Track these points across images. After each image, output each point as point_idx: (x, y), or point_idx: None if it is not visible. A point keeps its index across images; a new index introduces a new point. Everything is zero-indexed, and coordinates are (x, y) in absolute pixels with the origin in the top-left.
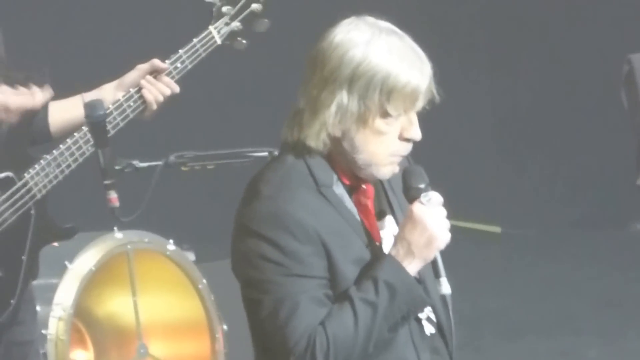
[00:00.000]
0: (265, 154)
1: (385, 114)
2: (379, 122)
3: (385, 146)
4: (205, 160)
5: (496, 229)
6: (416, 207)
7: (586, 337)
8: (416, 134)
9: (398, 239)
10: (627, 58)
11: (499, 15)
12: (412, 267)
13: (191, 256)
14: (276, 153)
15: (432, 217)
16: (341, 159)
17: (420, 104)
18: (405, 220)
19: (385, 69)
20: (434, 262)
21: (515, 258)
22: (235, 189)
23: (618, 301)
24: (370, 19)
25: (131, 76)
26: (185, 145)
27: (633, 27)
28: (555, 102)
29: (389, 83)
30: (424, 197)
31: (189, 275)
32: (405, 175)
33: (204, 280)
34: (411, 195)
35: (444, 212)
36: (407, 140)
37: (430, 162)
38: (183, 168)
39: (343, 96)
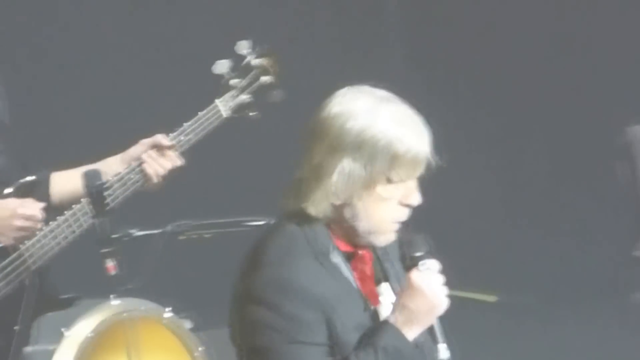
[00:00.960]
0: (262, 222)
1: (388, 181)
2: (382, 189)
3: (387, 213)
4: (203, 229)
5: (492, 298)
6: (414, 275)
7: None
8: (417, 199)
9: (397, 306)
10: (623, 130)
11: (504, 83)
12: (411, 333)
13: (188, 324)
14: (272, 222)
15: (431, 284)
16: (340, 226)
17: (420, 170)
18: (405, 288)
19: (389, 136)
20: (431, 329)
21: (513, 327)
22: (233, 258)
23: None
24: (366, 88)
25: (134, 150)
26: (183, 214)
27: (630, 100)
28: (556, 171)
29: (393, 150)
30: (421, 265)
31: (185, 343)
32: (405, 243)
33: (200, 348)
34: (410, 263)
35: (441, 279)
36: (407, 206)
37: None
38: (181, 237)
39: (348, 163)
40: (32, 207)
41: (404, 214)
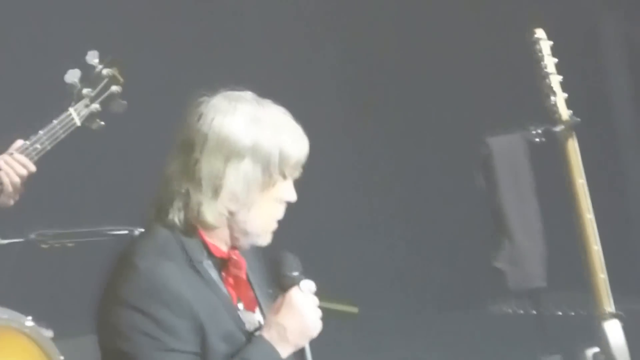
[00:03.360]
0: (125, 232)
1: (283, 179)
2: (277, 188)
3: (275, 212)
4: (66, 238)
5: (354, 309)
6: (296, 294)
7: None
8: (295, 196)
9: (272, 323)
10: (484, 141)
11: (353, 81)
12: (285, 352)
13: (49, 333)
14: (136, 232)
15: (309, 305)
16: (223, 231)
17: (300, 167)
18: (281, 306)
19: (280, 137)
20: (302, 351)
21: (373, 339)
22: (95, 267)
23: None
24: (231, 93)
25: None
26: (45, 223)
27: (490, 110)
28: (415, 181)
29: (285, 150)
30: (303, 284)
31: (46, 352)
32: (278, 261)
33: (62, 357)
34: (286, 282)
35: (316, 300)
36: (286, 203)
37: (288, 238)
38: (43, 246)
39: (245, 168)
40: None
41: (282, 212)
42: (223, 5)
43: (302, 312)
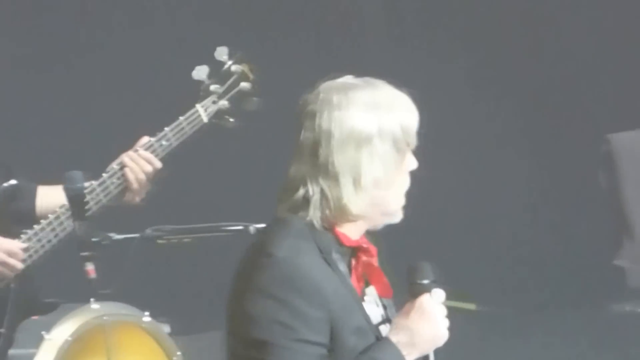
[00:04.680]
0: (241, 227)
1: (407, 151)
2: (405, 163)
3: (406, 185)
4: (182, 234)
5: (472, 306)
6: (427, 300)
7: None
8: (416, 162)
9: (402, 326)
10: (605, 138)
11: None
12: (411, 356)
13: (166, 328)
14: (251, 227)
15: (439, 313)
16: (361, 212)
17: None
18: (411, 310)
19: (399, 112)
20: (426, 358)
21: (492, 337)
22: (211, 263)
23: None
24: (335, 83)
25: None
26: (162, 219)
27: (611, 108)
28: (536, 177)
29: (404, 122)
30: (434, 293)
31: (164, 347)
32: (414, 268)
33: (179, 353)
34: (418, 288)
35: (445, 311)
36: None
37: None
38: (159, 241)
39: (378, 148)
40: (14, 244)
41: (409, 183)
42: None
43: (433, 318)
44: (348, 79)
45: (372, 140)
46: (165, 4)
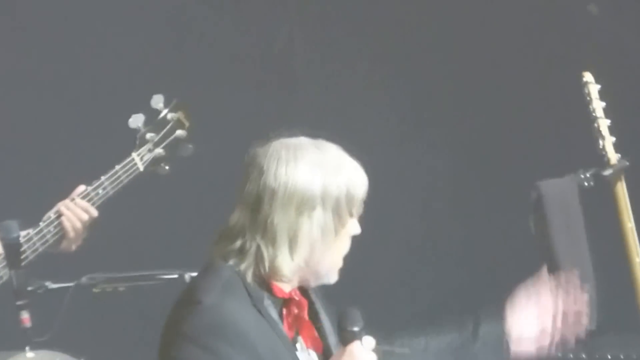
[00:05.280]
0: (176, 276)
1: (351, 218)
2: (346, 229)
3: (345, 249)
4: (117, 282)
5: (405, 350)
6: (356, 348)
7: None
8: (359, 228)
9: None
10: (535, 185)
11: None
12: None
13: None
14: (186, 276)
15: None
16: (292, 274)
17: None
18: (342, 358)
19: (346, 179)
20: None
21: None
22: (146, 310)
23: None
24: (289, 141)
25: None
26: (97, 267)
27: (540, 154)
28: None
29: (350, 190)
30: (365, 340)
31: None
32: (342, 316)
33: None
34: (348, 336)
35: (375, 358)
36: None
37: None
38: (95, 290)
39: (319, 215)
40: None
41: (349, 246)
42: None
43: None
44: (301, 138)
45: (314, 205)
46: (102, 52)
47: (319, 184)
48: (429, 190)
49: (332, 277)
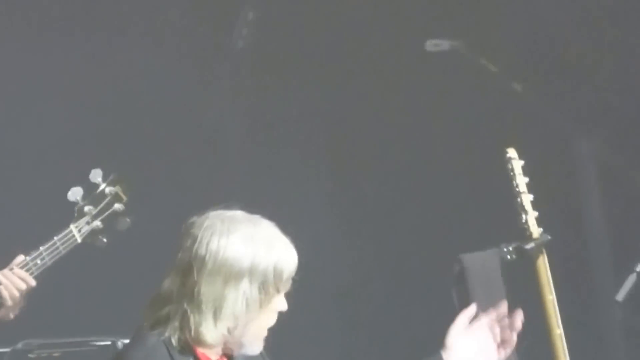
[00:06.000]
0: (109, 342)
1: (277, 294)
2: (274, 303)
3: (269, 322)
4: (52, 348)
5: None
6: None
7: None
8: (286, 305)
9: None
10: (458, 258)
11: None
12: None
13: None
14: (119, 343)
15: None
16: (216, 342)
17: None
18: None
19: (276, 256)
20: None
21: None
22: None
23: None
24: (224, 214)
25: None
26: (33, 333)
27: (463, 227)
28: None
29: (279, 267)
30: None
31: None
32: None
33: None
34: None
35: None
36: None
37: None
38: (30, 355)
39: (245, 288)
40: None
41: (275, 320)
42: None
43: None
44: (238, 212)
45: (241, 279)
46: (43, 126)
47: (249, 258)
48: (356, 263)
49: (256, 348)
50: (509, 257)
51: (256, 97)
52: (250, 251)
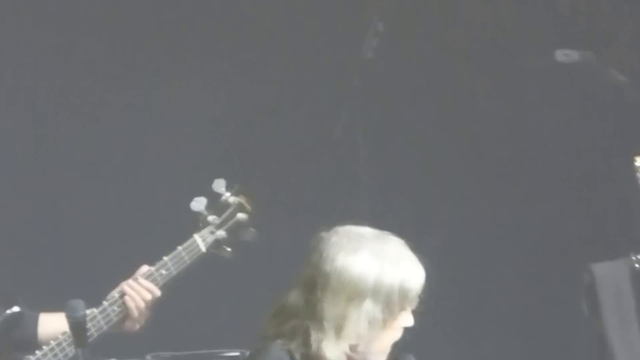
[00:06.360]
0: (238, 354)
1: (403, 312)
2: (397, 322)
3: (395, 338)
4: None
5: None
6: None
7: None
8: (412, 321)
9: None
10: (588, 268)
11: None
12: None
13: None
14: (247, 354)
15: None
16: (338, 359)
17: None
18: None
19: (402, 275)
20: None
21: None
22: None
23: None
24: (353, 230)
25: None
26: (160, 346)
27: (595, 236)
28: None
29: (405, 286)
30: None
31: None
32: None
33: None
34: None
35: None
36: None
37: None
38: None
39: (368, 307)
40: None
41: (400, 335)
42: None
43: None
44: (365, 228)
45: (365, 298)
46: (165, 137)
47: (373, 276)
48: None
49: None
50: (638, 266)
51: (385, 108)
52: (376, 269)
